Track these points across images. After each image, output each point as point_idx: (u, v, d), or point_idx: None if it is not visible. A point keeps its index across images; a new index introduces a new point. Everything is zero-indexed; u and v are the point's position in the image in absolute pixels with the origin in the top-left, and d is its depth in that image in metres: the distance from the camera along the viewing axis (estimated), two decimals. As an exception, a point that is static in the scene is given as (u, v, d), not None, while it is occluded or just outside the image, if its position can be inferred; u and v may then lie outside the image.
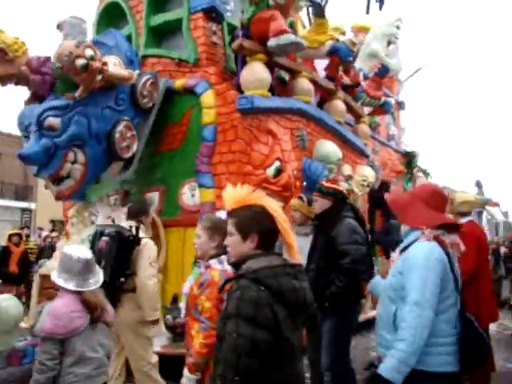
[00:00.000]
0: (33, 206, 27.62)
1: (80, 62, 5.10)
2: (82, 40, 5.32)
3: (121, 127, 5.75)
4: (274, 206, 2.40)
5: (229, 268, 2.97)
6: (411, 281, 2.76)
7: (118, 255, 4.02)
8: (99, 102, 5.60)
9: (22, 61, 5.79)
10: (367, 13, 7.37)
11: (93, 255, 3.40)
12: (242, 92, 5.93)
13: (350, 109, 7.80)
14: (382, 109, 8.43)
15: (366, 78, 8.30)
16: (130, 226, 4.22)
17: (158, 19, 6.73)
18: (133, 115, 6.00)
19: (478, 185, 14.74)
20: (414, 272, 2.77)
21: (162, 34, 6.85)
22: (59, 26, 7.97)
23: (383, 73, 8.09)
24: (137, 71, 6.00)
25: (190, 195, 5.86)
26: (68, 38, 7.62)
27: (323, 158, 6.75)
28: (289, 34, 5.62)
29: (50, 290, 5.80)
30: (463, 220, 5.23)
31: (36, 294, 6.30)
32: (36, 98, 6.10)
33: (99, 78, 5.37)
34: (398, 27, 8.30)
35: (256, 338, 2.04)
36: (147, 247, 4.12)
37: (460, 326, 2.86)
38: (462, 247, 3.13)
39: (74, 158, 5.47)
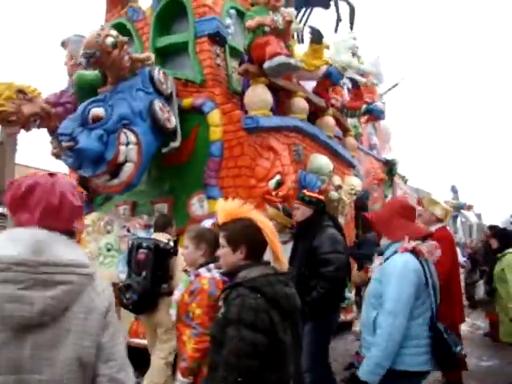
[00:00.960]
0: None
1: (109, 39, 5.62)
2: (102, 29, 5.73)
3: (158, 104, 6.10)
4: (261, 218, 2.58)
5: (217, 275, 3.17)
6: (387, 291, 3.06)
7: (157, 265, 4.53)
8: (131, 87, 5.99)
9: (40, 100, 6.24)
10: (335, 31, 8.00)
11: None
12: (245, 111, 6.48)
13: (338, 123, 8.42)
14: (372, 115, 9.01)
15: (349, 90, 8.91)
16: (168, 240, 4.74)
17: (164, 41, 7.22)
18: (159, 97, 6.29)
19: (454, 190, 15.62)
20: (391, 282, 3.06)
21: (166, 55, 7.34)
22: (63, 44, 8.42)
23: (355, 84, 8.67)
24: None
25: (198, 206, 6.37)
26: (72, 54, 8.12)
27: (317, 170, 7.34)
28: (281, 56, 6.06)
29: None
30: (437, 225, 5.57)
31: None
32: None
33: (126, 58, 5.84)
34: (354, 38, 8.86)
35: (256, 341, 2.21)
36: (179, 256, 4.66)
37: (430, 332, 3.14)
38: (438, 252, 3.43)
39: (126, 139, 5.70)
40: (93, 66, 5.90)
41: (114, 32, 5.71)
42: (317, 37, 6.93)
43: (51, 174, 1.86)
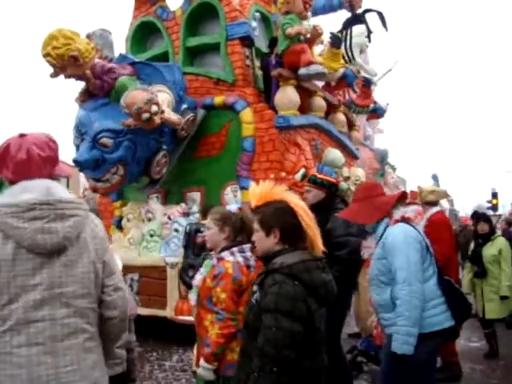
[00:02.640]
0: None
1: (145, 115, 6.08)
2: (152, 98, 6.14)
3: (159, 156, 6.88)
4: (296, 200, 2.44)
5: (241, 260, 3.14)
6: (396, 262, 3.08)
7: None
8: (147, 134, 6.55)
9: (88, 65, 6.61)
10: (369, 41, 8.66)
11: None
12: (274, 110, 7.12)
13: (346, 118, 9.14)
14: (376, 113, 9.78)
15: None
16: None
17: (195, 41, 7.76)
18: (169, 143, 7.07)
19: (435, 178, 16.53)
20: (397, 254, 3.09)
21: (196, 54, 7.87)
22: (88, 37, 8.76)
23: (368, 84, 9.41)
24: (184, 106, 7.00)
25: (232, 196, 7.01)
26: (98, 47, 8.50)
27: (330, 163, 8.05)
28: (317, 65, 6.82)
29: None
30: (432, 210, 5.82)
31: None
32: (88, 95, 7.01)
33: (154, 125, 6.38)
34: (367, 37, 9.57)
35: (294, 331, 2.15)
36: None
37: (443, 287, 3.21)
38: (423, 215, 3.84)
39: (115, 170, 6.53)
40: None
41: (154, 108, 6.10)
42: (336, 42, 7.57)
43: (22, 135, 2.16)
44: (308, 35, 7.07)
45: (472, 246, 6.73)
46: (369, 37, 8.34)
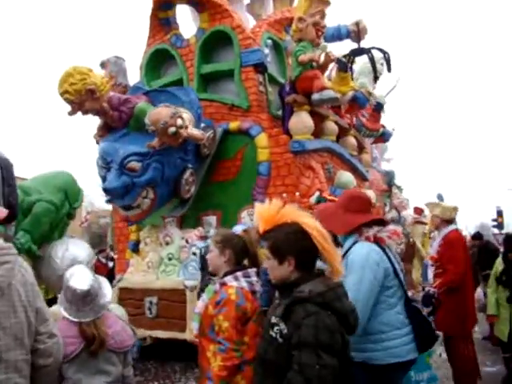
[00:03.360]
0: None
1: (172, 129, 6.30)
2: (176, 111, 6.40)
3: (187, 175, 7.04)
4: (309, 221, 2.28)
5: (246, 285, 2.93)
6: (348, 281, 2.80)
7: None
8: (172, 153, 6.77)
9: (105, 98, 6.81)
10: (374, 81, 8.89)
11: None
12: (289, 135, 7.27)
13: (356, 141, 9.30)
14: (382, 138, 9.96)
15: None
16: None
17: (209, 68, 7.96)
18: (194, 162, 7.26)
19: (440, 197, 16.64)
20: (353, 272, 2.91)
21: (210, 80, 8.07)
22: (103, 64, 8.99)
23: (379, 108, 9.62)
24: (202, 124, 7.19)
25: (248, 220, 7.12)
26: (112, 74, 8.71)
27: (343, 186, 8.15)
28: (329, 91, 6.99)
29: (130, 301, 6.90)
30: (448, 228, 5.81)
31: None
32: (106, 129, 7.21)
33: (180, 140, 6.57)
34: (382, 64, 9.82)
35: (335, 367, 2.00)
36: None
37: (410, 314, 3.04)
38: (401, 236, 3.28)
39: (146, 194, 6.69)
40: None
41: (179, 122, 6.35)
42: (343, 66, 7.77)
43: None
44: (321, 61, 7.26)
45: (499, 266, 6.33)
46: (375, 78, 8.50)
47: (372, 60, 8.29)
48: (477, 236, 10.91)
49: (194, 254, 6.74)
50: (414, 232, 12.92)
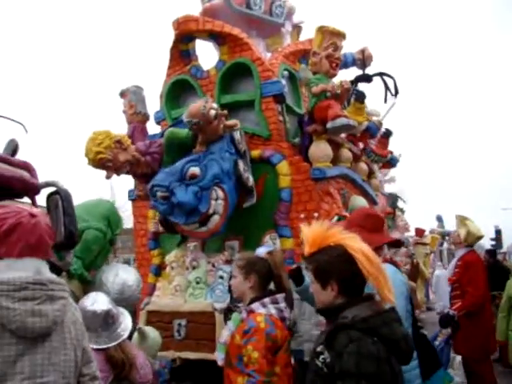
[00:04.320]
0: None
1: (212, 112, 6.68)
2: (206, 99, 6.92)
3: (241, 164, 7.24)
4: (355, 244, 2.16)
5: (274, 312, 2.82)
6: None
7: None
8: (220, 149, 7.09)
9: (132, 148, 7.14)
10: (385, 102, 9.31)
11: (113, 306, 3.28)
12: (308, 162, 7.62)
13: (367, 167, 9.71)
14: (389, 163, 10.39)
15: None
16: None
17: (228, 98, 8.30)
18: (235, 153, 7.41)
19: (439, 219, 17.15)
20: None
21: (231, 110, 8.39)
22: (122, 94, 9.36)
23: (388, 135, 10.06)
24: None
25: (271, 243, 7.42)
26: (132, 104, 9.07)
27: (356, 210, 8.54)
28: (342, 118, 7.30)
29: (158, 324, 7.12)
30: (466, 249, 5.87)
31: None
32: (145, 181, 7.46)
33: (221, 126, 6.91)
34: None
35: None
36: None
37: (416, 341, 2.94)
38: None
39: (216, 195, 6.86)
40: (193, 131, 6.93)
41: (215, 104, 6.81)
42: (360, 98, 8.18)
43: (32, 215, 2.06)
44: (337, 91, 7.64)
45: (509, 286, 6.26)
46: (385, 96, 8.91)
47: (385, 83, 8.68)
48: (491, 253, 10.24)
49: (221, 277, 7.02)
50: (416, 253, 13.32)
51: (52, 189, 4.42)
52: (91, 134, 6.86)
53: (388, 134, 10.06)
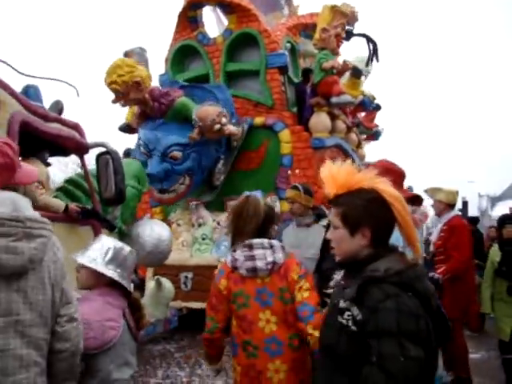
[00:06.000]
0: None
1: (217, 126, 7.20)
2: (222, 111, 7.32)
3: (219, 165, 7.99)
4: (390, 190, 1.94)
5: (229, 259, 2.71)
6: None
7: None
8: (209, 145, 7.68)
9: (147, 90, 7.50)
10: (366, 65, 9.78)
11: None
12: (308, 131, 8.20)
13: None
14: (373, 136, 11.08)
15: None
16: None
17: (234, 66, 8.75)
18: (224, 152, 8.16)
19: (410, 189, 17.97)
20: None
21: (236, 78, 8.86)
22: (126, 55, 9.60)
23: (377, 109, 10.71)
24: (233, 120, 8.01)
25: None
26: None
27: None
28: (346, 95, 7.98)
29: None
30: (450, 214, 5.70)
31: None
32: (144, 117, 7.94)
33: (220, 135, 7.49)
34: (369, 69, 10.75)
35: (421, 359, 1.68)
36: None
37: None
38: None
39: (183, 180, 7.56)
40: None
41: (224, 120, 7.27)
42: (357, 74, 8.75)
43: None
44: (339, 68, 8.21)
45: (496, 257, 5.70)
46: (368, 60, 9.22)
47: (374, 45, 9.06)
48: (473, 221, 9.77)
49: (227, 234, 7.61)
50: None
51: (99, 149, 4.86)
52: (120, 60, 7.16)
53: (377, 108, 10.68)
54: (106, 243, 2.61)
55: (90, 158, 5.50)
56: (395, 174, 3.08)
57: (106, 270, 2.50)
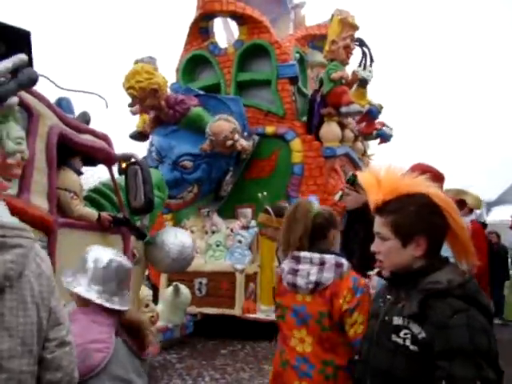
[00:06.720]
0: None
1: (229, 142, 7.45)
2: (235, 127, 7.58)
3: (228, 177, 8.26)
4: (440, 194, 1.78)
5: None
6: None
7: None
8: (219, 157, 7.94)
9: (164, 96, 7.69)
10: (364, 68, 9.94)
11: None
12: (319, 140, 8.38)
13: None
14: (382, 139, 11.17)
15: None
16: None
17: (245, 76, 8.93)
18: (234, 164, 8.40)
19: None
20: None
21: (247, 87, 9.03)
22: (136, 63, 9.78)
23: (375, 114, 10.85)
24: (245, 133, 8.20)
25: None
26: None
27: (354, 185, 9.40)
28: (355, 105, 8.19)
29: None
30: (469, 218, 5.67)
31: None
32: (157, 123, 8.19)
33: (237, 147, 7.73)
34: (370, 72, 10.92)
35: (495, 382, 1.50)
36: None
37: None
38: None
39: (191, 189, 7.82)
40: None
41: (237, 136, 7.58)
42: (364, 83, 8.96)
43: None
44: (348, 79, 8.41)
45: None
46: (363, 61, 9.33)
47: (368, 50, 9.18)
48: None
49: (240, 241, 7.79)
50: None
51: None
52: (139, 66, 7.40)
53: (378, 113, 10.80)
54: (90, 258, 2.29)
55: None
56: (437, 178, 2.86)
57: (87, 290, 2.22)
